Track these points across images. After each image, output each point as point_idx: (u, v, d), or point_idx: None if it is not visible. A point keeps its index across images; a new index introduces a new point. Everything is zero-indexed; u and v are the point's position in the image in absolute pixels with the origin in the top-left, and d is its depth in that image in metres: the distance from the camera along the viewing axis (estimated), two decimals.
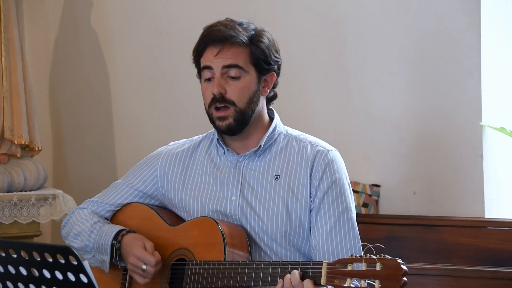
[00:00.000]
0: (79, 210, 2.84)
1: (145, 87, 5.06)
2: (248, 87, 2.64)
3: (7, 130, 4.54)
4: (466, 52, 4.23)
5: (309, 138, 2.73)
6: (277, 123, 2.73)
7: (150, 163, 2.82)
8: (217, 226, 2.58)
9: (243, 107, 2.63)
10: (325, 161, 2.66)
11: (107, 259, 2.70)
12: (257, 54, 2.65)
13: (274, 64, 2.69)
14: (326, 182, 2.64)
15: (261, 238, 2.65)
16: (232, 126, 2.63)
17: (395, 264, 2.30)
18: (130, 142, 5.09)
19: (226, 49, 2.63)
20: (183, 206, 2.75)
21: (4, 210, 4.43)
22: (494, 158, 4.25)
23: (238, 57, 2.63)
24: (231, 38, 2.63)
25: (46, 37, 5.28)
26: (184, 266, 2.63)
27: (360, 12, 4.47)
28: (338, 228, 2.62)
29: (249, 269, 2.51)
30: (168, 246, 2.66)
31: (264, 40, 2.67)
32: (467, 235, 4.13)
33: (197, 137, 2.83)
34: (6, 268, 2.20)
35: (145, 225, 2.75)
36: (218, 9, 4.77)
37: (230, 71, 2.63)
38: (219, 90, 2.62)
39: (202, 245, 2.61)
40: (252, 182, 2.68)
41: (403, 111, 4.38)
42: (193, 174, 2.75)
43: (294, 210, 2.64)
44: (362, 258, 2.31)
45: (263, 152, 2.69)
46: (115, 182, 2.87)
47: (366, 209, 4.38)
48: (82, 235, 2.77)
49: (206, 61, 2.65)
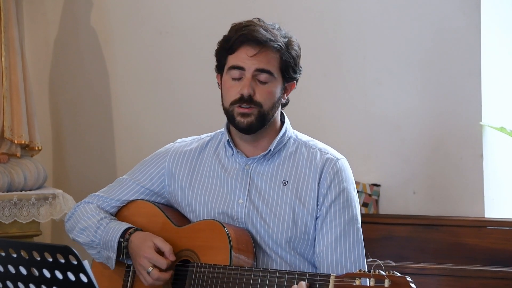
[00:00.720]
0: (84, 204, 2.82)
1: (145, 87, 5.07)
2: (274, 93, 2.63)
3: (7, 130, 4.54)
4: (466, 52, 4.23)
5: (319, 145, 2.71)
6: (287, 128, 2.72)
7: (158, 160, 2.80)
8: (224, 229, 2.57)
9: (267, 111, 2.61)
10: (334, 170, 2.64)
11: (113, 256, 2.69)
12: (287, 62, 2.63)
13: (299, 73, 2.68)
14: (334, 190, 2.63)
15: (266, 243, 2.64)
16: (253, 125, 2.61)
17: (404, 282, 2.25)
18: (130, 141, 5.09)
19: (263, 53, 2.59)
20: (190, 206, 2.74)
21: (4, 209, 4.43)
22: (494, 157, 4.26)
23: (271, 63, 2.61)
24: (270, 42, 2.59)
25: (46, 37, 5.28)
26: (188, 268, 2.62)
27: (361, 12, 4.47)
28: (344, 238, 2.61)
29: (255, 276, 2.49)
30: (173, 246, 2.64)
31: (295, 48, 2.66)
32: (467, 235, 4.13)
33: (205, 136, 2.81)
34: (6, 267, 2.20)
35: (151, 223, 2.73)
36: (219, 9, 4.78)
37: (261, 75, 2.60)
38: (249, 92, 2.59)
39: (208, 248, 2.60)
40: (260, 186, 2.67)
41: (403, 111, 4.38)
42: (200, 174, 2.74)
43: (301, 216, 2.63)
44: (371, 274, 2.27)
45: (272, 156, 2.68)
46: (121, 177, 2.84)
47: (366, 209, 4.38)
48: (88, 231, 2.76)
49: (239, 61, 2.61)
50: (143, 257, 2.62)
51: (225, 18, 4.58)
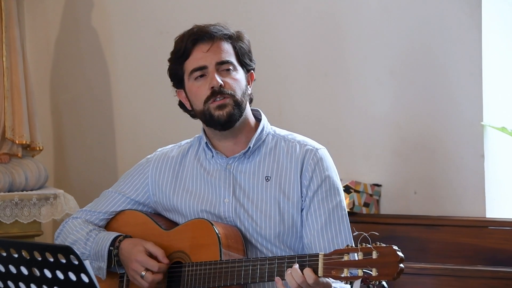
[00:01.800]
0: (73, 219, 2.84)
1: (146, 87, 5.06)
2: (241, 80, 2.66)
3: (8, 130, 4.54)
4: (467, 52, 4.22)
5: (298, 137, 2.73)
6: (264, 124, 2.73)
7: (141, 170, 2.82)
8: (212, 227, 2.58)
9: (240, 98, 2.64)
10: (314, 160, 2.66)
11: (104, 266, 2.69)
12: (242, 50, 2.67)
13: (253, 63, 2.72)
14: (316, 180, 2.65)
15: (256, 239, 2.65)
16: (232, 114, 2.62)
17: (391, 251, 2.30)
18: (131, 141, 5.09)
19: (217, 45, 2.64)
20: (176, 211, 2.75)
21: (5, 209, 4.43)
22: (495, 158, 4.25)
23: (228, 52, 2.65)
24: (220, 33, 2.64)
25: (47, 37, 5.28)
26: (180, 269, 2.62)
27: (361, 11, 4.47)
28: (329, 225, 2.63)
29: (246, 266, 2.51)
30: (164, 250, 2.65)
31: (245, 36, 2.71)
32: (468, 235, 4.13)
33: (185, 142, 2.83)
34: (7, 267, 2.20)
35: (140, 231, 2.74)
36: (219, 8, 4.78)
37: (223, 66, 2.64)
38: (219, 82, 2.61)
39: (198, 246, 2.61)
40: (243, 184, 2.68)
41: (404, 110, 4.38)
42: (184, 180, 2.75)
43: (287, 210, 2.64)
44: (358, 248, 2.31)
45: (252, 154, 2.69)
46: (106, 190, 2.86)
47: (367, 209, 4.38)
48: (78, 243, 2.76)
49: (197, 61, 2.64)
50: (135, 261, 2.62)
51: (226, 18, 4.57)
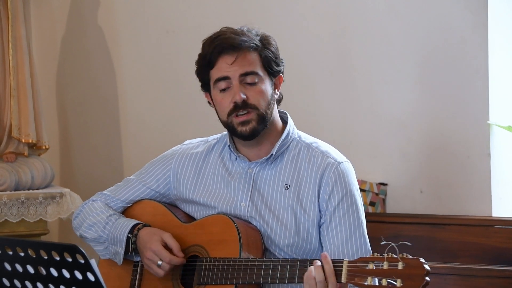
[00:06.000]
0: (92, 201, 2.85)
1: (152, 86, 5.07)
2: (266, 91, 2.63)
3: (14, 129, 4.55)
4: (473, 51, 4.22)
5: (322, 147, 2.69)
6: (290, 129, 2.71)
7: (164, 162, 2.83)
8: (233, 223, 2.58)
9: (264, 111, 2.62)
10: (335, 174, 2.63)
11: (122, 251, 2.71)
12: (268, 57, 2.64)
13: (282, 66, 2.69)
14: (337, 195, 2.62)
15: (269, 245, 2.64)
16: (255, 129, 2.61)
17: (418, 264, 2.26)
18: (136, 140, 5.10)
19: (242, 56, 2.61)
20: (194, 208, 2.76)
21: (12, 208, 4.44)
22: (501, 156, 4.24)
23: (253, 63, 2.62)
24: (245, 44, 2.61)
25: (53, 36, 5.28)
26: (196, 263, 2.62)
27: (367, 11, 4.46)
28: (350, 242, 2.61)
29: (266, 266, 2.50)
30: (182, 243, 2.65)
31: (271, 42, 2.67)
32: (474, 234, 4.12)
33: (212, 139, 2.82)
34: (13, 266, 2.20)
35: (158, 221, 2.74)
36: (226, 7, 4.78)
37: (247, 78, 2.61)
38: (241, 98, 2.60)
39: (217, 242, 2.61)
40: (262, 190, 2.67)
41: (410, 110, 4.38)
42: (205, 177, 2.76)
43: (303, 222, 2.63)
44: (384, 257, 2.28)
45: (275, 160, 2.68)
46: (128, 177, 2.87)
47: (373, 208, 4.38)
48: (97, 226, 2.78)
49: (221, 72, 2.63)
50: (149, 250, 2.63)
51: (232, 16, 4.59)
